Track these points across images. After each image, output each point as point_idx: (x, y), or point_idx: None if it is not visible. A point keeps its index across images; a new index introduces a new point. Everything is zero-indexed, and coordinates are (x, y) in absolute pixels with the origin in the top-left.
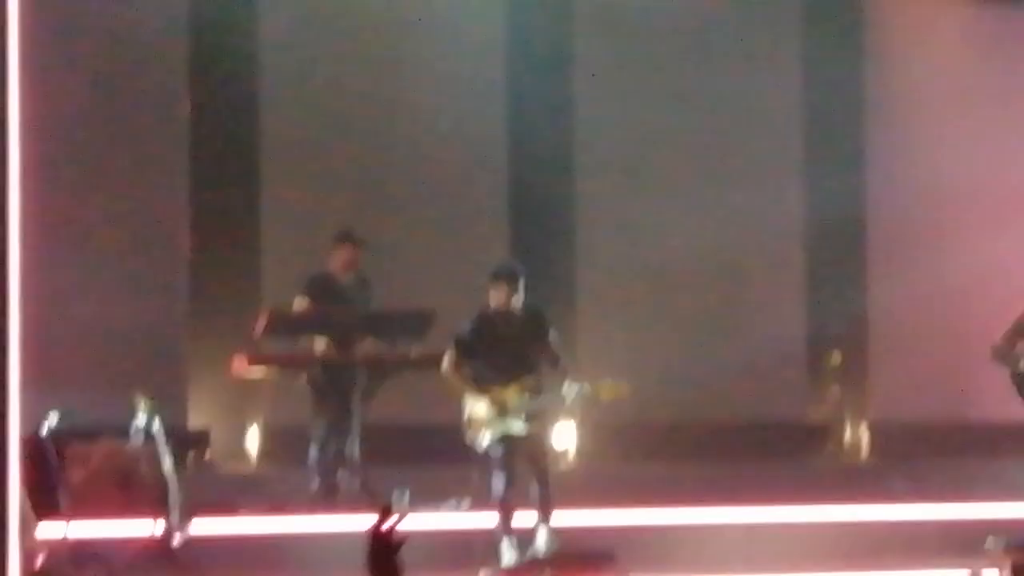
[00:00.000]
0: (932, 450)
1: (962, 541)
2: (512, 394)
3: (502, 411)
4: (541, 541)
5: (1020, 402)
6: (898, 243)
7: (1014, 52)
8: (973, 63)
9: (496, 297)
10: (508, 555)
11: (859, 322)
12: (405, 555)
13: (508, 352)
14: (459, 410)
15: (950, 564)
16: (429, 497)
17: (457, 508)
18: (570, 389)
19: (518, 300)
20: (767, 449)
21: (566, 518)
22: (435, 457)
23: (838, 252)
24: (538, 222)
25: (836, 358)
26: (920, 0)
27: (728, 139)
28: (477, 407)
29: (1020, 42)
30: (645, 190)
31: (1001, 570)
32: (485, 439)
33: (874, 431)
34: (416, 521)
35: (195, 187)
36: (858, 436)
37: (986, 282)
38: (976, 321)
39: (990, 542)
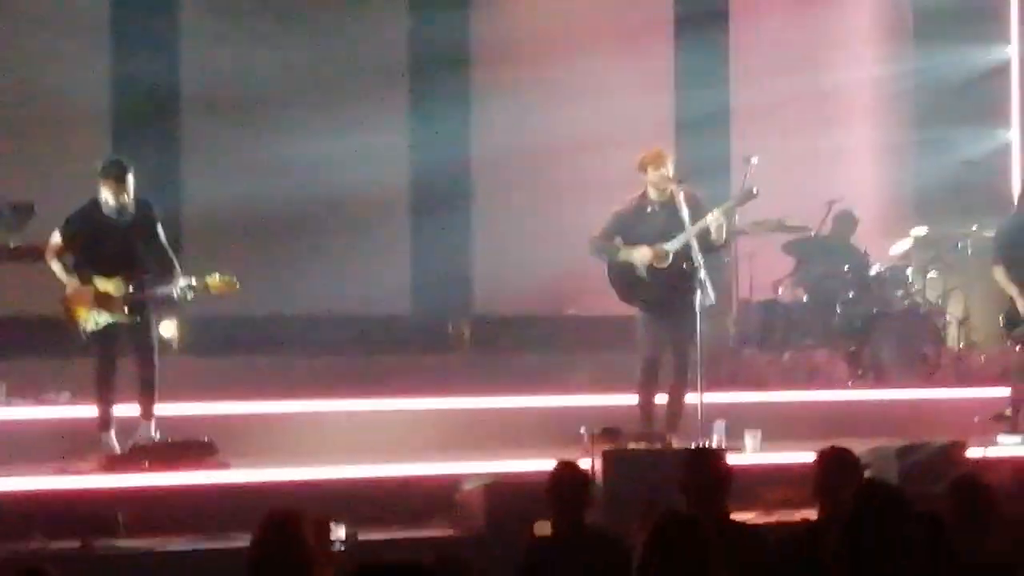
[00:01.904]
0: (531, 342)
1: (559, 430)
2: (116, 284)
3: (105, 301)
4: (142, 431)
5: (613, 295)
6: None
7: None
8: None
9: (105, 191)
10: (108, 444)
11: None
12: None
13: (115, 245)
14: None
15: (548, 453)
16: (30, 389)
17: (57, 400)
18: (177, 281)
19: (127, 195)
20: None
21: (170, 409)
22: (36, 350)
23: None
24: (141, 121)
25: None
26: None
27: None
28: (80, 295)
29: None
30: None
31: (593, 457)
32: (88, 328)
33: (476, 325)
34: (15, 412)
35: None
36: (461, 329)
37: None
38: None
39: (583, 431)
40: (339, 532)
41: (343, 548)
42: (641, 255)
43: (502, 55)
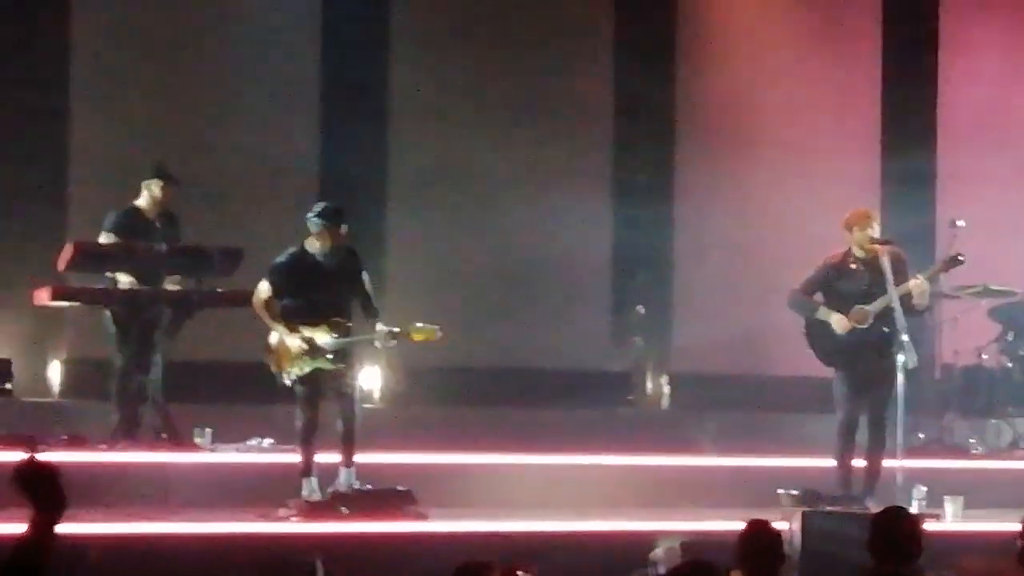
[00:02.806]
0: (729, 402)
1: (756, 491)
2: (322, 332)
3: (311, 348)
4: (342, 478)
5: (810, 354)
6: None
7: None
8: None
9: (314, 237)
10: (308, 491)
11: (663, 277)
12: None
13: (320, 291)
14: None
15: (742, 515)
16: (235, 434)
17: (259, 447)
18: (381, 331)
19: (335, 241)
20: (572, 396)
21: (370, 457)
22: (242, 395)
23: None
24: (350, 167)
25: (639, 311)
26: None
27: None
28: (286, 342)
29: None
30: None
31: (791, 521)
32: (292, 375)
33: (675, 382)
34: (220, 457)
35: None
36: (659, 386)
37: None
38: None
39: (782, 496)
40: None
41: None
42: (839, 322)
43: (706, 120)
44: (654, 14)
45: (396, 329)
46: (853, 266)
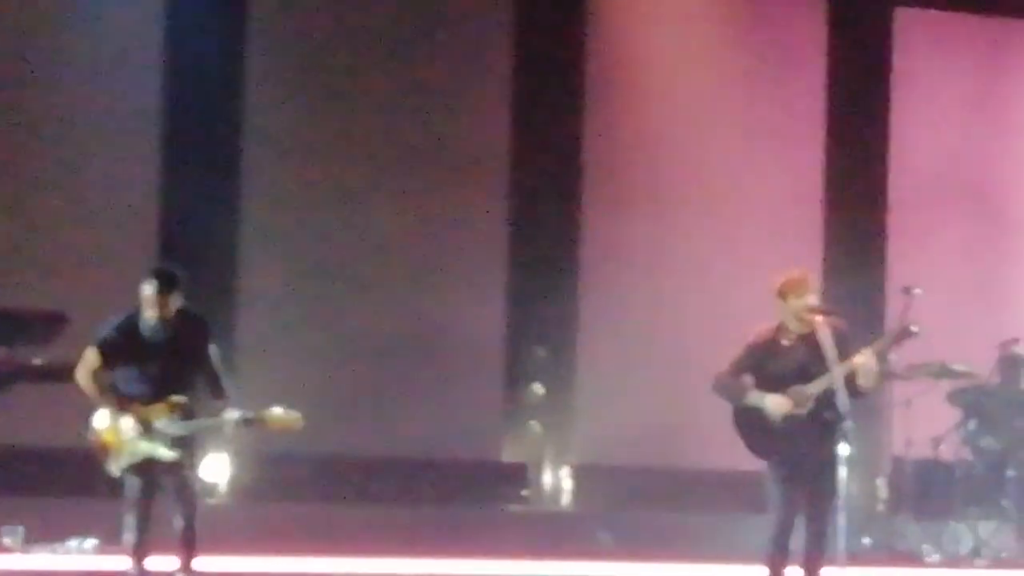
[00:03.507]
0: (640, 500)
1: None
2: (159, 412)
3: (145, 432)
4: None
5: (737, 444)
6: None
7: None
8: None
9: (149, 301)
10: None
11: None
12: None
13: (158, 363)
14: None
15: None
16: (51, 533)
17: (80, 548)
18: (231, 414)
19: (174, 307)
20: (456, 490)
21: (212, 563)
22: (60, 487)
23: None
24: (195, 226)
25: (537, 391)
26: None
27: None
28: (117, 423)
29: None
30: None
31: None
32: (121, 464)
33: (577, 476)
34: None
35: None
36: (558, 480)
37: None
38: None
39: None
40: None
41: None
42: (775, 403)
43: (618, 173)
44: (559, 53)
45: (250, 415)
46: (786, 342)
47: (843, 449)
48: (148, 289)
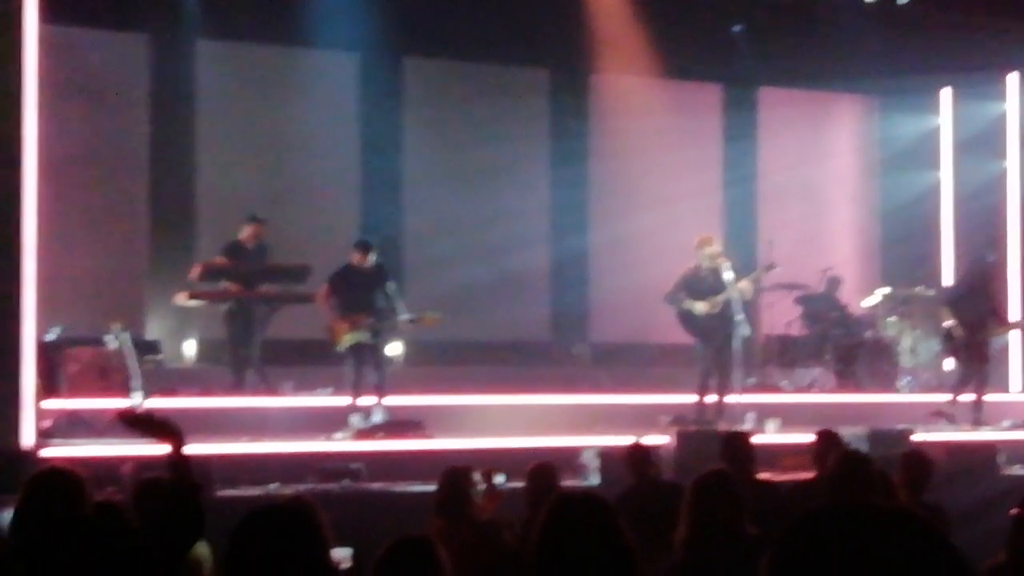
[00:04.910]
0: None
1: (645, 418)
2: (361, 317)
3: (354, 328)
4: (376, 414)
5: (683, 330)
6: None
7: None
8: None
9: (356, 257)
10: (355, 423)
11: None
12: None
13: (360, 292)
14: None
15: (637, 432)
16: (308, 386)
17: (324, 394)
18: (402, 316)
19: (370, 260)
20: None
21: (394, 400)
22: (312, 360)
23: None
24: (380, 202)
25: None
26: None
27: None
28: (339, 323)
29: None
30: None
31: (670, 436)
32: (344, 344)
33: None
34: (300, 401)
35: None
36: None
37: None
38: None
39: (661, 419)
40: (500, 478)
41: (503, 488)
42: (700, 307)
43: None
44: None
45: (413, 316)
46: (702, 274)
47: (744, 330)
48: (356, 250)
